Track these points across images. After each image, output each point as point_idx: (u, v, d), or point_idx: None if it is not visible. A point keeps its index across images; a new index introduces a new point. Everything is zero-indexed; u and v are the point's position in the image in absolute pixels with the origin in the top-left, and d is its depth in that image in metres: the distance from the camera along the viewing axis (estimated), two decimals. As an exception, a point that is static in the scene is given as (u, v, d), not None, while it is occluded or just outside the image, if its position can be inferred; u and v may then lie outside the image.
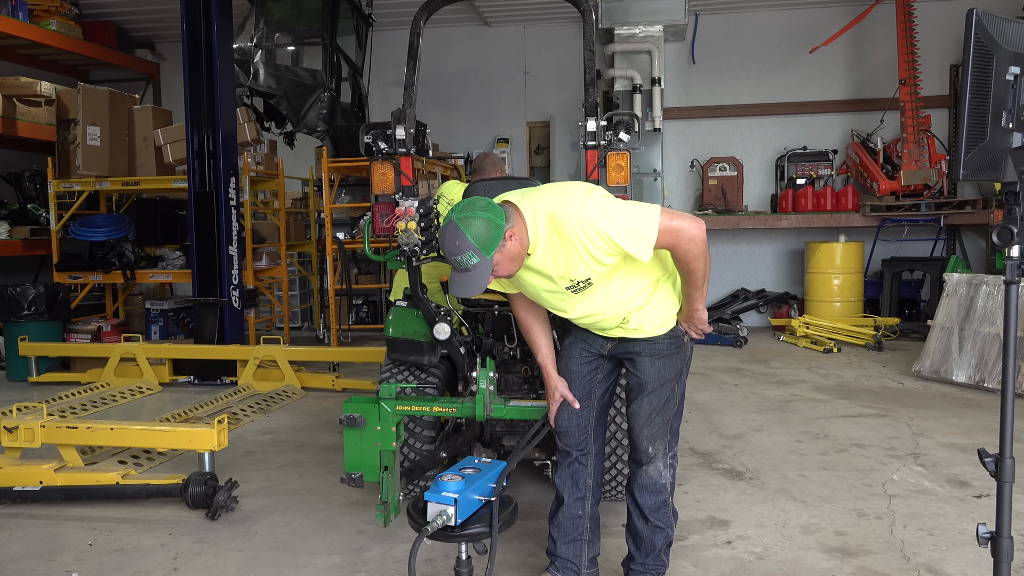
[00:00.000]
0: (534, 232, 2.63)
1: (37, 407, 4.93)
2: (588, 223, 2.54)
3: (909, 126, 9.06)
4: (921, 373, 6.89)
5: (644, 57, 9.51)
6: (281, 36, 8.93)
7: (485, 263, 2.53)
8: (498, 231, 2.52)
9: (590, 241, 2.55)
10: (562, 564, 3.04)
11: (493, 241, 2.51)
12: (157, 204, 8.89)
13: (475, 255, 2.50)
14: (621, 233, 2.54)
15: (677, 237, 2.57)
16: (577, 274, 2.64)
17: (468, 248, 2.49)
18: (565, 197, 2.62)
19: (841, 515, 3.84)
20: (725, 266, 10.50)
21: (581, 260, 2.60)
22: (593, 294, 2.72)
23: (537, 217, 2.63)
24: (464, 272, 2.54)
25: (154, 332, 8.87)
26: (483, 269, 2.53)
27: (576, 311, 2.80)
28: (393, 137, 3.61)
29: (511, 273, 2.66)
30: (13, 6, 8.81)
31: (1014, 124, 2.28)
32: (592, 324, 2.86)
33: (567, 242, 2.58)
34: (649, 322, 2.81)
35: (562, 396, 2.96)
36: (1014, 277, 2.30)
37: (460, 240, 2.49)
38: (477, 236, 2.49)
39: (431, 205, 3.53)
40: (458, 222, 2.51)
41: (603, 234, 2.54)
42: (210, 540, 3.69)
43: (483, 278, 2.55)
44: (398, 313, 3.94)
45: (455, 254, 2.51)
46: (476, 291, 2.57)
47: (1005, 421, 2.32)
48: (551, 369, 2.97)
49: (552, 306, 2.84)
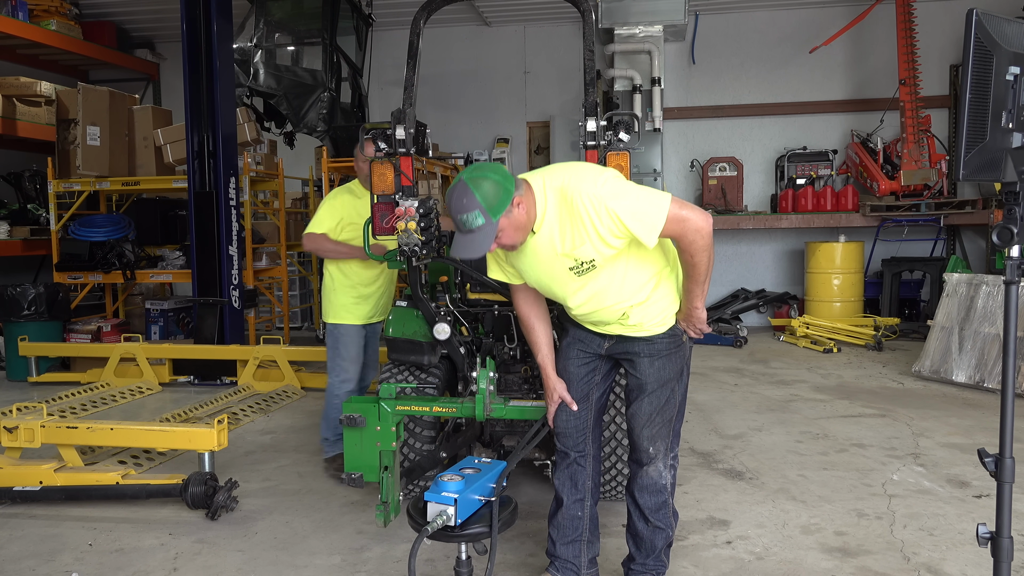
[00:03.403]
0: (543, 207, 2.63)
1: (37, 407, 4.93)
2: (599, 200, 2.55)
3: (909, 126, 9.06)
4: (921, 373, 6.89)
5: (644, 57, 9.51)
6: (281, 36, 8.92)
7: (490, 226, 2.52)
8: (507, 195, 2.52)
9: (599, 219, 2.55)
10: (562, 564, 3.04)
11: (500, 204, 2.51)
12: (157, 204, 8.89)
13: (481, 215, 2.49)
14: (630, 214, 2.54)
15: (684, 227, 2.58)
16: (582, 253, 2.63)
17: (475, 207, 2.48)
18: (579, 174, 2.64)
19: (841, 515, 3.84)
20: (725, 266, 10.50)
21: (588, 238, 2.59)
22: (596, 279, 2.70)
23: (548, 192, 2.63)
24: (468, 233, 2.53)
25: (154, 332, 8.86)
26: (487, 231, 2.52)
27: (577, 300, 2.78)
28: (393, 137, 3.61)
29: (515, 243, 2.64)
30: (13, 6, 8.81)
31: (1014, 124, 2.28)
32: (592, 317, 2.84)
33: (576, 217, 2.58)
34: (649, 319, 2.81)
35: (560, 397, 2.95)
36: (1014, 277, 2.30)
37: (468, 198, 2.49)
38: (485, 197, 2.49)
39: (431, 205, 3.53)
40: (468, 181, 2.52)
41: (612, 213, 2.54)
42: (210, 540, 3.69)
43: (486, 240, 2.54)
44: (398, 313, 3.94)
45: (461, 212, 2.50)
46: (477, 253, 2.57)
47: (1005, 421, 2.32)
48: (550, 370, 2.97)
49: (554, 294, 2.82)
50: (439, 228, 3.72)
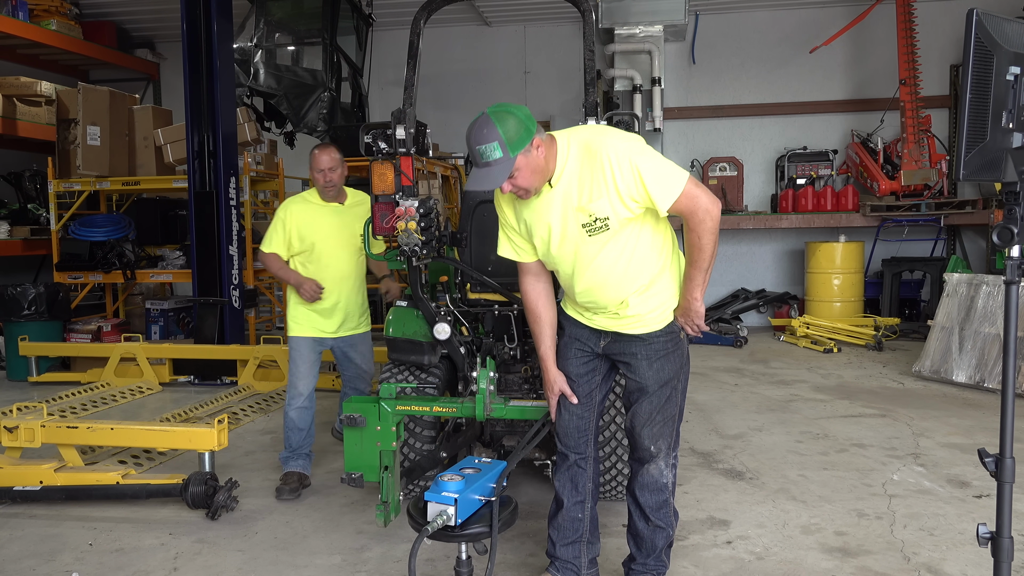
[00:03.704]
0: (564, 160, 2.68)
1: (37, 407, 4.93)
2: (625, 154, 2.60)
3: (909, 126, 9.06)
4: (921, 373, 6.89)
5: (644, 57, 9.50)
6: (281, 36, 8.92)
7: (507, 160, 2.55)
8: (527, 133, 2.57)
9: (620, 173, 2.59)
10: (562, 565, 3.04)
11: (520, 141, 2.55)
12: (157, 204, 8.89)
13: (499, 148, 2.53)
14: (651, 174, 2.59)
15: (696, 204, 2.63)
16: (597, 208, 2.64)
17: (494, 138, 2.52)
18: (607, 132, 2.73)
19: (841, 515, 3.84)
20: (725, 266, 10.50)
21: (606, 192, 2.61)
22: (604, 248, 2.69)
23: (571, 146, 2.68)
24: (484, 166, 2.56)
25: (154, 332, 8.87)
26: (504, 165, 2.55)
27: (583, 275, 2.76)
28: (393, 137, 3.61)
29: (529, 187, 2.65)
30: (13, 6, 8.81)
31: (1014, 124, 2.28)
32: (592, 295, 2.81)
33: (598, 169, 2.62)
34: (647, 311, 2.79)
35: (560, 390, 2.95)
36: (1014, 277, 2.30)
37: (488, 129, 2.53)
38: (506, 131, 2.53)
39: (431, 205, 3.53)
40: (491, 114, 2.57)
41: (635, 169, 2.58)
42: (210, 540, 3.69)
43: (501, 175, 2.57)
44: (398, 313, 3.94)
45: (480, 143, 2.54)
46: (491, 186, 2.59)
47: (1005, 421, 2.32)
48: (550, 363, 2.96)
49: (562, 263, 2.79)
50: (439, 228, 3.72)
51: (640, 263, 2.74)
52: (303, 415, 4.35)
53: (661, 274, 2.80)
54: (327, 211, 4.44)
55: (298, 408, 4.33)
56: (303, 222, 4.36)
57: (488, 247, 4.21)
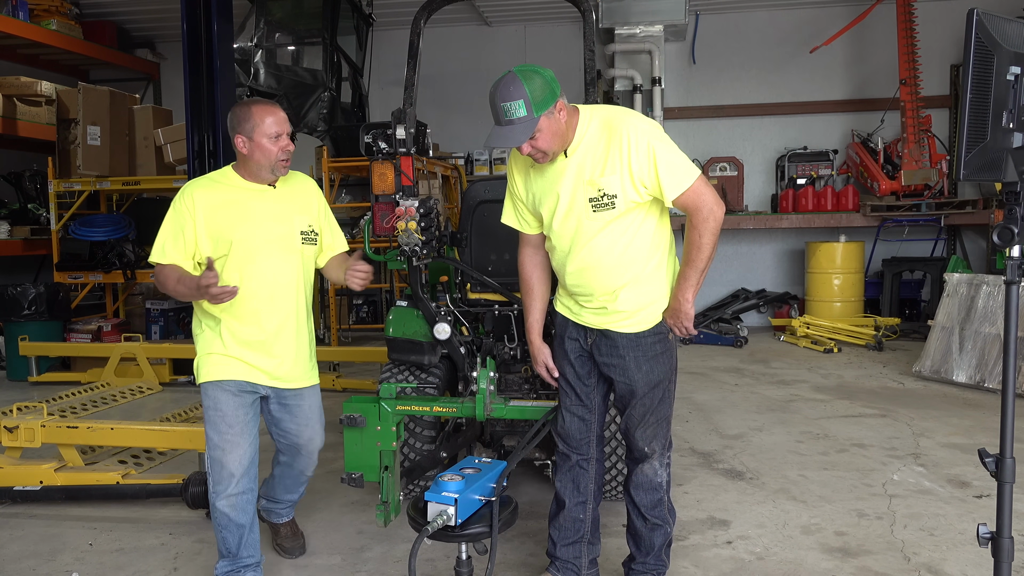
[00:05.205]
0: (583, 131, 2.71)
1: (37, 407, 4.93)
2: (645, 136, 2.64)
3: (909, 126, 9.06)
4: (921, 373, 6.89)
5: (644, 57, 9.50)
6: (281, 36, 8.92)
7: (531, 120, 2.57)
8: (552, 95, 2.61)
9: (636, 152, 2.62)
10: (562, 565, 3.04)
11: (545, 102, 2.58)
12: (157, 204, 8.88)
13: (524, 107, 2.56)
14: (665, 161, 2.62)
15: (701, 201, 2.65)
16: (607, 184, 2.66)
17: (520, 96, 2.56)
18: (631, 113, 2.77)
19: (841, 515, 3.84)
20: (725, 266, 10.49)
21: (619, 168, 2.64)
22: (605, 229, 2.69)
23: (592, 119, 2.72)
24: (507, 124, 2.59)
25: (154, 332, 8.86)
26: (527, 125, 2.58)
27: (578, 251, 2.75)
28: (393, 137, 3.61)
29: (547, 150, 2.66)
30: (13, 6, 8.80)
31: (1015, 124, 2.28)
32: (584, 278, 2.79)
33: (615, 144, 2.64)
34: (636, 305, 2.78)
35: (544, 362, 3.01)
36: (1014, 277, 2.30)
37: (515, 87, 2.57)
38: (533, 90, 2.57)
39: (431, 205, 3.53)
40: (518, 72, 2.61)
41: (651, 152, 2.61)
42: (210, 540, 3.68)
43: (524, 134, 2.59)
44: (398, 313, 3.94)
45: (506, 99, 2.57)
46: (512, 143, 2.62)
47: (1005, 421, 2.32)
48: (535, 336, 3.02)
49: (561, 236, 2.78)
50: (439, 227, 3.72)
51: (636, 253, 2.75)
52: (241, 504, 2.92)
53: (654, 271, 2.79)
54: (251, 195, 3.04)
55: (230, 496, 2.90)
56: (215, 213, 2.99)
57: (488, 247, 4.21)
